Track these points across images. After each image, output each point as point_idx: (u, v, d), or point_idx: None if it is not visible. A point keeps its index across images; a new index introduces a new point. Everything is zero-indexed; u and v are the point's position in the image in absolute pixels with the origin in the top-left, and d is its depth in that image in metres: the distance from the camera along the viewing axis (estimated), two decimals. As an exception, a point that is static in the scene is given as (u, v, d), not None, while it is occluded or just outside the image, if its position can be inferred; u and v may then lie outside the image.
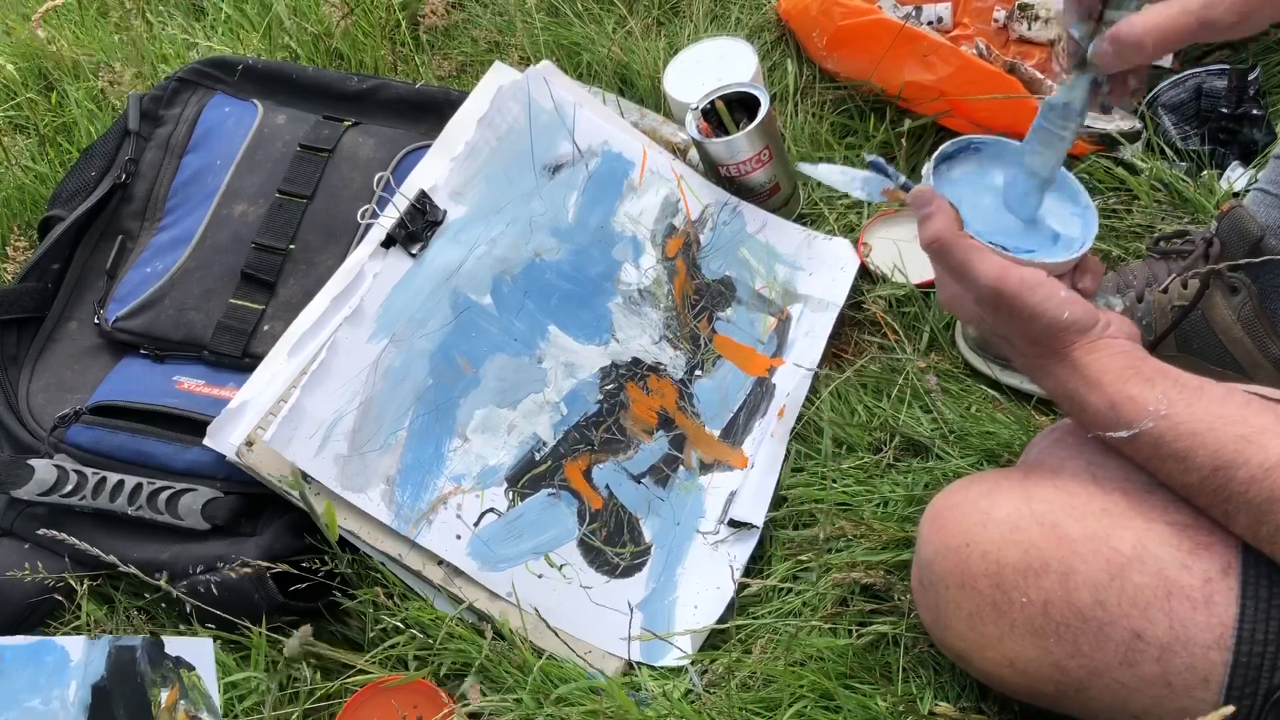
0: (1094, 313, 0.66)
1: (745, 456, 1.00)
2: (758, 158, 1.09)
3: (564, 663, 0.85)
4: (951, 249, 0.66)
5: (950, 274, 0.67)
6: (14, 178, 1.32)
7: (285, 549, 0.89)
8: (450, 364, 0.93)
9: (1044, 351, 0.67)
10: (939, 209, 0.66)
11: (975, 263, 0.65)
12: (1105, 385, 0.64)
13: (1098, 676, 0.64)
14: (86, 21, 1.54)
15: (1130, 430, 0.63)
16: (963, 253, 0.65)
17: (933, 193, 0.67)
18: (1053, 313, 0.65)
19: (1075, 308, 0.65)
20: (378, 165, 1.09)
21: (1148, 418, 0.62)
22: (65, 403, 1.00)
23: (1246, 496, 0.59)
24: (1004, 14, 1.24)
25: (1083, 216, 0.72)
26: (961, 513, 0.70)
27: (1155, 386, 0.63)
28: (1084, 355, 0.65)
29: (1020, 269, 0.65)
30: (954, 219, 0.66)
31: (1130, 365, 0.65)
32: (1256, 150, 1.08)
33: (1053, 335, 0.65)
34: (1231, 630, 0.60)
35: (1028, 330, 0.66)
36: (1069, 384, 0.66)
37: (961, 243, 0.66)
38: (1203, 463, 0.61)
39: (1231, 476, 0.60)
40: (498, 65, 1.06)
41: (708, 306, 1.07)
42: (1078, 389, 0.65)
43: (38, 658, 0.82)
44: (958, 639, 0.69)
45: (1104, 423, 0.65)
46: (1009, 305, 0.65)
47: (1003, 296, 0.65)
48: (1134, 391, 0.63)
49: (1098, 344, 0.66)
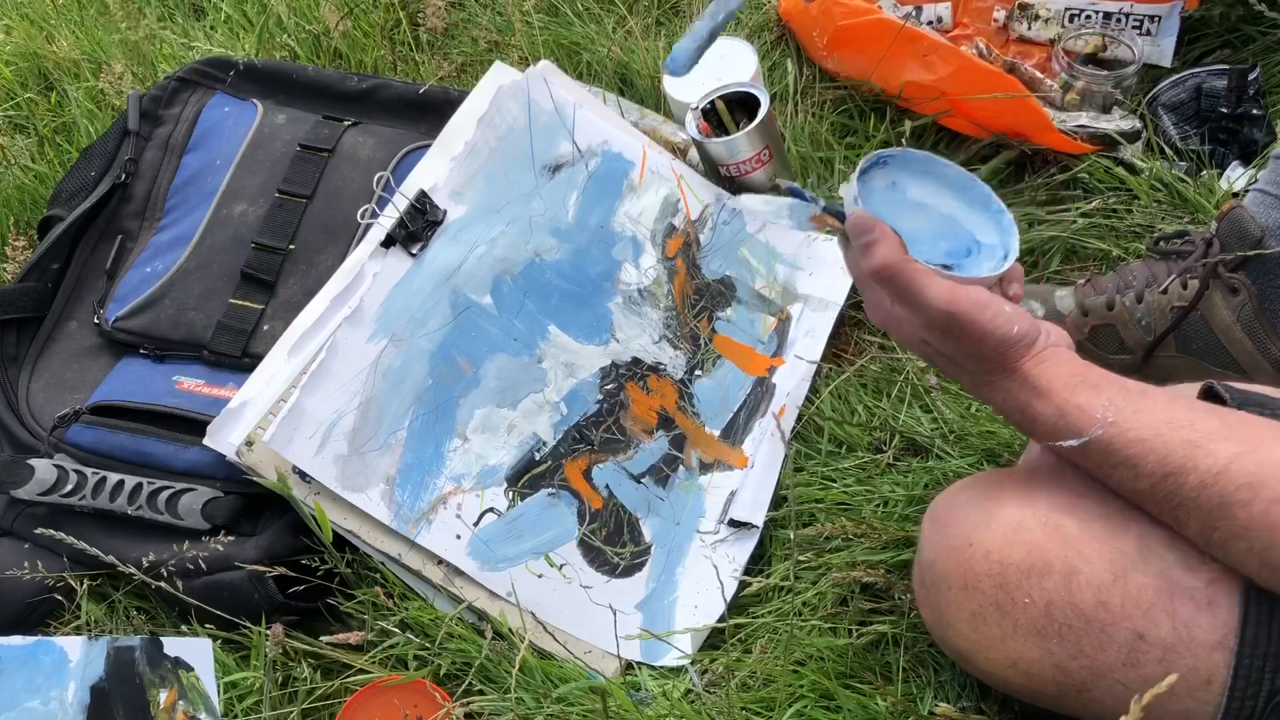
0: (1037, 324, 0.66)
1: (745, 456, 1.00)
2: (758, 158, 1.09)
3: (564, 663, 0.85)
4: (900, 275, 0.64)
5: (899, 300, 0.66)
6: (14, 178, 1.32)
7: (285, 549, 0.89)
8: (450, 364, 0.93)
9: (993, 368, 0.66)
10: (882, 236, 0.65)
11: (925, 287, 0.64)
12: (1054, 394, 0.64)
13: (1100, 678, 0.64)
14: (86, 21, 1.54)
15: (1080, 439, 0.63)
16: (912, 278, 0.64)
17: (873, 219, 0.66)
18: (1003, 329, 0.64)
19: (1022, 321, 0.65)
20: (378, 165, 1.09)
21: (1096, 425, 0.62)
22: (65, 402, 1.00)
23: (1197, 502, 0.59)
24: (1004, 14, 1.24)
25: (996, 221, 0.72)
26: (964, 513, 0.70)
27: (1102, 394, 0.63)
28: (1032, 367, 0.65)
29: (967, 289, 0.65)
30: (899, 244, 0.65)
31: (1076, 373, 0.65)
32: (1256, 150, 1.08)
33: (1003, 352, 0.65)
34: (1234, 631, 0.60)
35: (979, 349, 0.65)
36: (1019, 396, 0.66)
37: (909, 268, 0.65)
38: (1152, 469, 0.61)
39: (1181, 482, 0.60)
40: (498, 65, 1.06)
41: (708, 306, 1.07)
42: (1028, 400, 0.65)
43: (36, 658, 0.82)
44: (960, 639, 0.69)
45: (1054, 432, 0.64)
46: (961, 327, 0.64)
47: (955, 319, 0.64)
48: (1082, 400, 0.63)
49: (1043, 355, 0.66)
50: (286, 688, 0.87)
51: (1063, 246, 1.08)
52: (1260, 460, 0.58)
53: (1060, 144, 1.10)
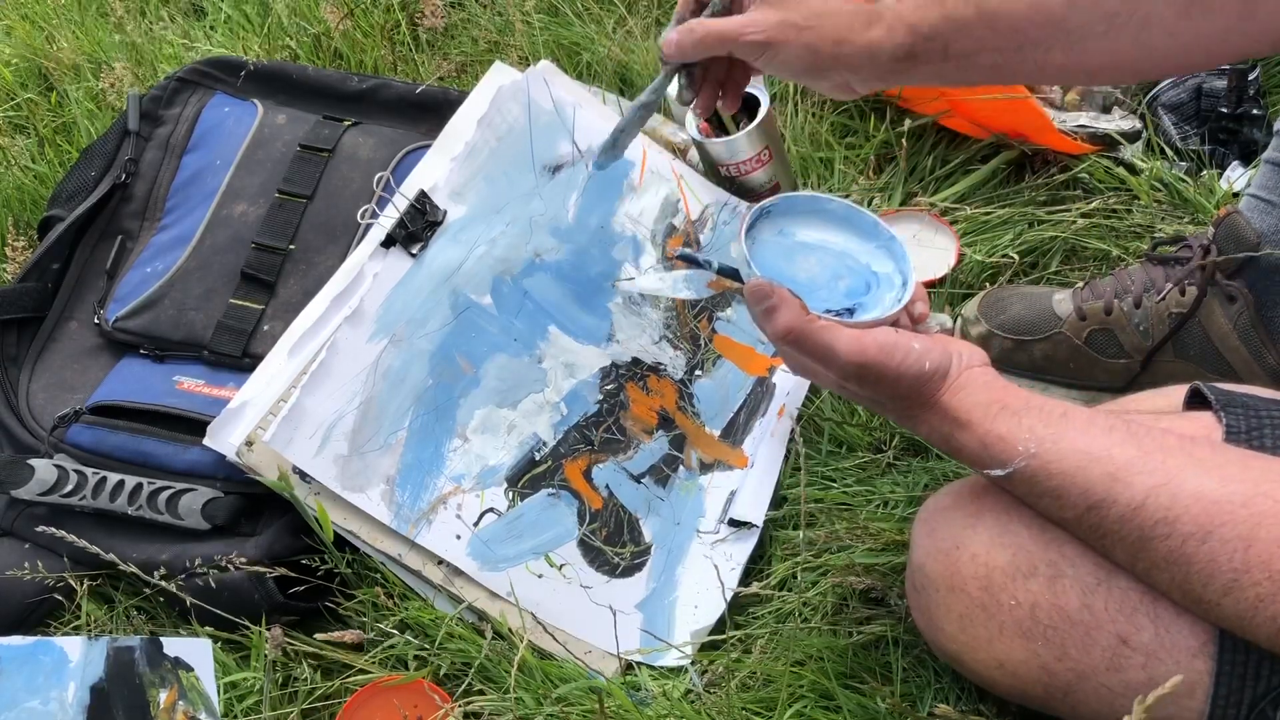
0: (948, 352, 0.66)
1: (745, 456, 1.00)
2: (758, 158, 1.09)
3: (564, 663, 0.85)
4: (806, 337, 0.65)
5: (810, 359, 0.66)
6: (14, 178, 1.32)
7: (285, 549, 0.89)
8: (450, 364, 0.93)
9: (912, 404, 0.66)
10: (781, 300, 0.65)
11: (832, 343, 0.64)
12: (974, 425, 0.64)
13: (1085, 680, 0.64)
14: (86, 21, 1.54)
15: (1004, 469, 0.63)
16: (818, 336, 0.64)
17: (769, 285, 0.65)
18: (914, 368, 0.65)
19: (933, 355, 0.65)
20: (378, 165, 1.09)
21: (1019, 458, 0.63)
22: (65, 403, 1.00)
23: (1120, 534, 0.60)
24: (1004, 14, 1.24)
25: (888, 249, 0.73)
26: (952, 516, 0.70)
27: (1023, 422, 0.63)
28: (950, 398, 0.65)
29: (873, 334, 0.65)
30: (798, 306, 0.65)
31: (995, 399, 0.65)
32: (1256, 150, 1.09)
33: (918, 388, 0.65)
34: (1214, 638, 0.60)
35: (894, 390, 0.66)
36: (941, 428, 0.66)
37: (813, 328, 0.65)
38: (1076, 501, 0.61)
39: (1104, 515, 0.60)
40: (498, 65, 1.06)
41: (708, 306, 1.07)
42: (951, 432, 0.66)
43: (36, 658, 0.82)
44: (949, 640, 0.70)
45: (979, 461, 0.65)
46: (874, 374, 0.64)
47: (866, 368, 0.64)
48: (1003, 430, 0.63)
49: (960, 382, 0.66)
50: (286, 688, 0.87)
51: (1062, 247, 1.08)
52: (1174, 494, 0.58)
53: (1060, 144, 1.10)
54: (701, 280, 0.71)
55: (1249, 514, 0.56)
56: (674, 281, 0.72)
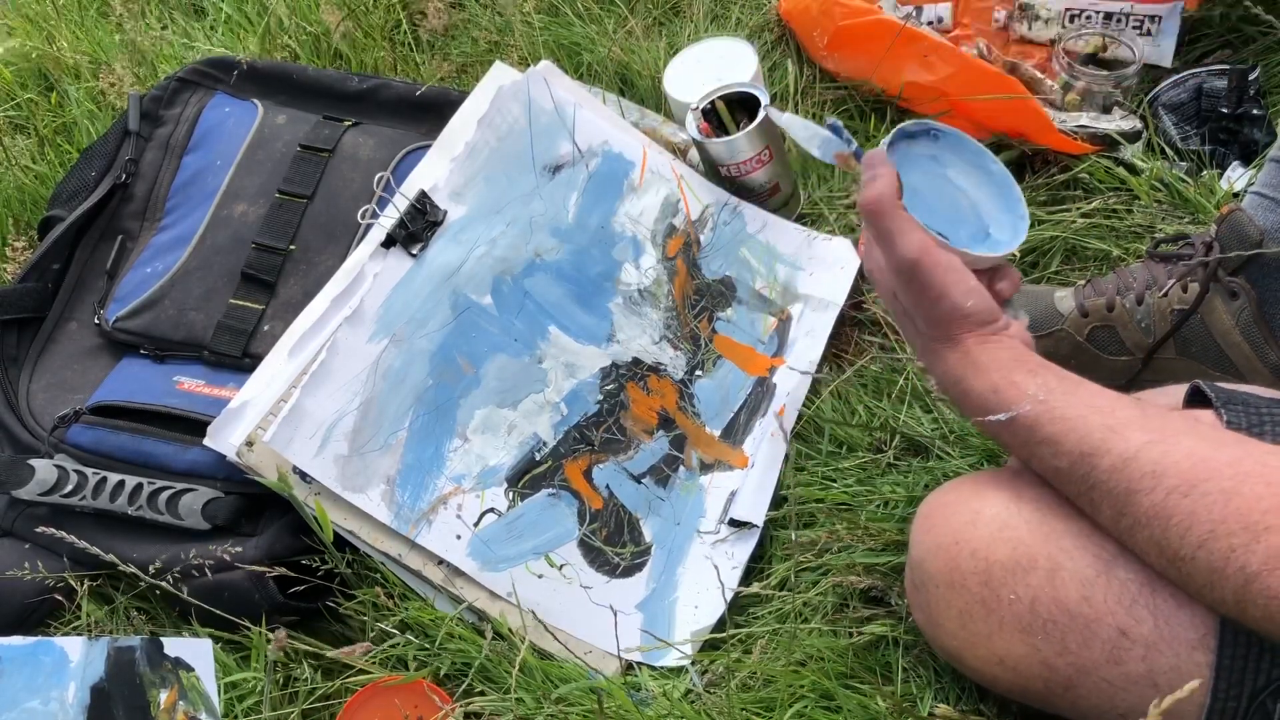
0: (995, 310, 0.69)
1: (745, 456, 1.00)
2: (758, 158, 1.09)
3: (564, 663, 0.85)
4: (884, 215, 0.67)
5: (878, 239, 0.69)
6: (14, 178, 1.32)
7: (285, 549, 0.89)
8: (450, 364, 0.93)
9: (940, 335, 0.69)
10: (884, 175, 0.68)
11: (902, 232, 0.67)
12: (990, 372, 0.66)
13: (1085, 674, 0.64)
14: (86, 21, 1.55)
15: (1008, 413, 0.65)
16: (894, 220, 0.67)
17: (884, 159, 0.69)
18: (957, 297, 0.67)
19: (979, 299, 0.67)
20: (378, 165, 1.09)
21: (1026, 401, 0.64)
22: (65, 403, 1.00)
23: (1108, 485, 0.61)
24: (1004, 14, 1.24)
25: (1015, 226, 0.74)
26: (951, 512, 0.70)
27: (1038, 377, 0.65)
28: (976, 345, 0.68)
29: (942, 252, 0.67)
30: (896, 188, 0.68)
31: (1017, 359, 0.67)
32: (1257, 150, 1.08)
33: (951, 320, 0.68)
34: (1214, 630, 0.60)
35: (932, 310, 0.68)
36: (956, 369, 0.68)
37: (896, 212, 0.68)
38: (1071, 448, 0.62)
39: (1095, 464, 0.61)
40: (498, 65, 1.06)
41: (708, 306, 1.07)
42: (964, 374, 0.68)
43: (36, 658, 0.82)
44: (949, 637, 0.70)
45: (984, 406, 0.66)
46: (921, 279, 0.67)
47: (918, 269, 0.67)
48: (1017, 378, 0.66)
49: (990, 338, 0.68)
50: (287, 688, 0.87)
51: (1063, 246, 1.08)
52: (1166, 450, 0.59)
53: (1061, 144, 1.10)
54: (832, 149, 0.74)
55: (1235, 471, 0.57)
56: (815, 135, 0.74)
